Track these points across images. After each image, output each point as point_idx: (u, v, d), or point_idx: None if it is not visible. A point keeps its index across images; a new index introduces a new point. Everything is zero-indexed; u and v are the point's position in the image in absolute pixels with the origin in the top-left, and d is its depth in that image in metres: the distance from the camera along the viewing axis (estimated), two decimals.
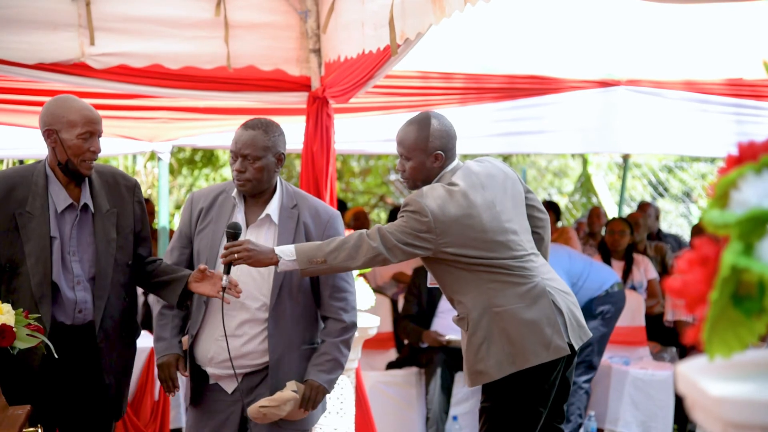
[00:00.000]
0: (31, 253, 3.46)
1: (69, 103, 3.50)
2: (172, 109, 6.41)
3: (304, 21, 5.07)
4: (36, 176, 3.53)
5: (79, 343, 3.53)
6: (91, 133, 3.47)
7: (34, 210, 3.48)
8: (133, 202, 3.65)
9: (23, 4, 4.51)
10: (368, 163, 15.15)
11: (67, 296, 3.50)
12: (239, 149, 3.66)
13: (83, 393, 3.58)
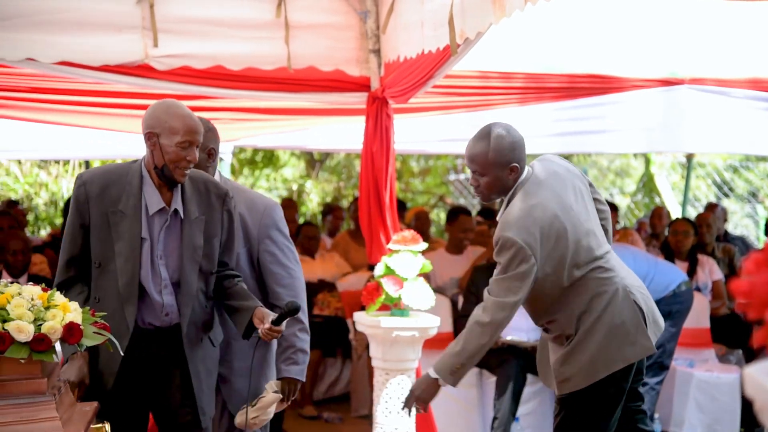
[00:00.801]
0: (121, 253, 3.49)
1: (174, 109, 3.51)
2: (233, 110, 6.46)
3: (363, 21, 5.08)
4: (131, 176, 3.56)
5: (165, 345, 3.56)
6: (191, 143, 3.48)
7: (126, 209, 3.51)
8: (222, 211, 3.66)
9: (89, 7, 4.58)
10: (428, 163, 15.13)
11: (154, 299, 3.53)
12: (207, 142, 3.83)
13: (164, 397, 3.60)
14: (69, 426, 2.82)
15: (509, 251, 3.50)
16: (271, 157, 14.63)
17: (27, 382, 2.82)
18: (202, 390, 3.59)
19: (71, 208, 3.58)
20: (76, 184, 3.57)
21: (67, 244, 3.58)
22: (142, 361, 3.52)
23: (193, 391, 3.56)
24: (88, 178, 3.56)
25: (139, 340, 3.50)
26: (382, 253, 4.90)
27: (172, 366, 3.57)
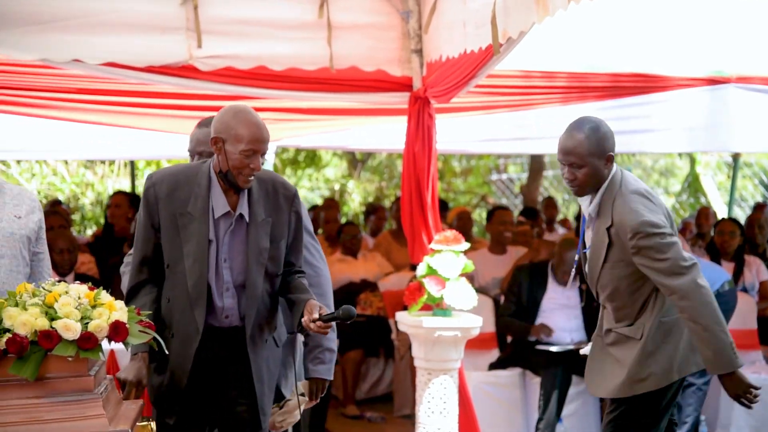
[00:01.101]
0: (189, 254, 3.52)
1: (241, 116, 3.53)
2: (276, 110, 6.48)
3: (405, 21, 5.08)
4: (200, 177, 3.58)
5: (229, 346, 3.59)
6: (255, 151, 3.49)
7: (195, 211, 3.53)
8: (290, 212, 3.66)
9: (134, 9, 4.63)
10: (470, 162, 15.10)
11: (215, 301, 3.56)
12: (194, 147, 3.91)
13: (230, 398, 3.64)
14: (115, 423, 2.85)
15: (654, 234, 3.49)
16: (314, 157, 14.68)
17: (74, 380, 2.86)
18: (263, 391, 3.61)
19: (141, 209, 3.62)
20: (146, 185, 3.61)
21: (139, 244, 3.62)
22: (209, 361, 3.56)
23: (255, 392, 3.59)
24: (158, 179, 3.59)
25: (209, 341, 3.54)
26: (424, 253, 4.90)
27: (235, 367, 3.60)
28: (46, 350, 2.82)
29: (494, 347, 6.62)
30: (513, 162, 15.66)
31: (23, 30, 4.43)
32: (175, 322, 3.55)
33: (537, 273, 6.27)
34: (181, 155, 4.12)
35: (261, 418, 3.61)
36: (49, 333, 2.81)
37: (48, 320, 2.85)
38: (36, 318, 2.84)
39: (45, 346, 2.81)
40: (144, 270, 3.61)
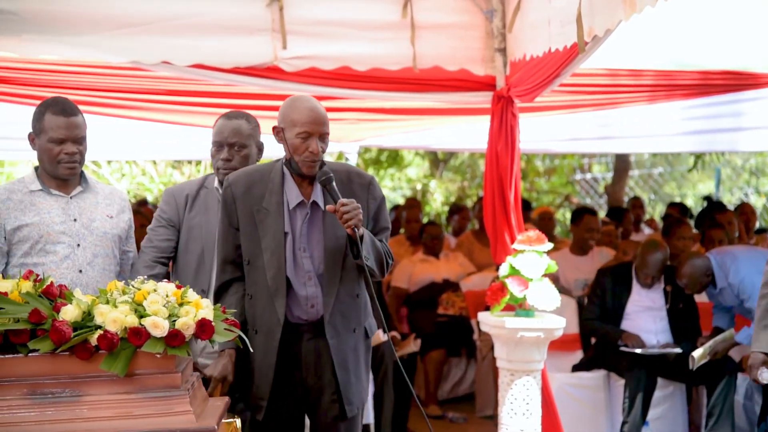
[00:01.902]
0: (267, 248, 3.58)
1: (297, 102, 3.60)
2: (359, 110, 6.52)
3: (489, 20, 5.06)
4: (274, 173, 3.65)
5: (314, 337, 3.63)
6: (309, 134, 3.53)
7: (270, 206, 3.61)
8: (368, 200, 3.69)
9: (220, 11, 4.69)
10: (553, 162, 14.96)
11: (298, 291, 3.61)
12: (225, 138, 3.90)
13: (312, 388, 3.67)
14: (202, 420, 2.90)
15: None
16: (396, 156, 14.70)
17: (162, 376, 2.91)
18: (348, 381, 3.63)
19: (221, 210, 3.70)
20: (223, 186, 3.69)
21: (220, 245, 3.69)
22: (295, 353, 3.60)
23: (338, 381, 3.61)
24: (234, 179, 3.66)
25: (291, 333, 3.58)
26: (506, 253, 4.87)
27: (320, 357, 3.63)
28: (136, 347, 2.88)
29: (578, 349, 6.55)
30: (597, 161, 15.46)
31: (114, 33, 4.53)
32: (258, 317, 3.60)
33: (621, 275, 6.19)
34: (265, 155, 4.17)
35: (346, 407, 3.64)
36: (138, 330, 2.87)
37: (137, 318, 2.91)
38: (126, 315, 2.90)
39: (134, 343, 2.87)
40: (228, 269, 3.68)
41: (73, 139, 3.82)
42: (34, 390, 2.85)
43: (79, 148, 3.85)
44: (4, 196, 3.84)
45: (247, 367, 3.65)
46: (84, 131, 3.87)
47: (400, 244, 8.48)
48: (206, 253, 3.96)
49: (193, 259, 3.99)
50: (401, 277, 7.66)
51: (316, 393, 3.66)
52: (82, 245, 3.85)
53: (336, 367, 3.60)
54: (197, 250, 3.97)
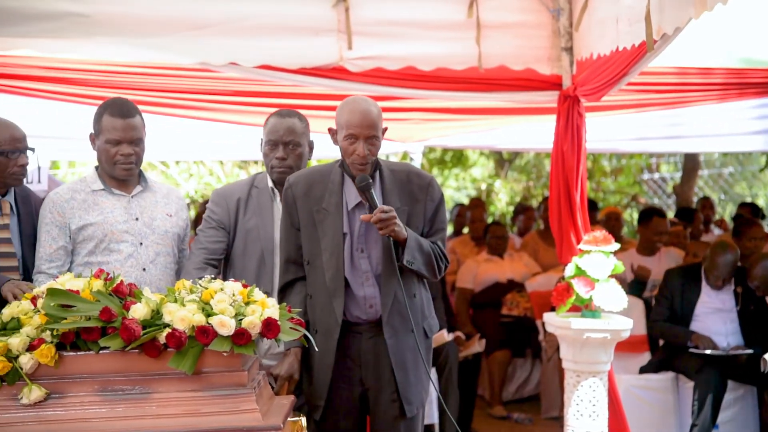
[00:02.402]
0: (326, 248, 3.61)
1: (348, 104, 3.62)
2: (424, 110, 6.52)
3: (556, 19, 5.02)
4: (334, 174, 3.67)
5: (373, 337, 3.65)
6: (355, 136, 3.55)
7: (329, 207, 3.63)
8: (425, 201, 3.70)
9: (287, 12, 4.72)
10: (620, 162, 14.77)
11: (356, 292, 3.62)
12: (281, 137, 3.89)
13: (372, 388, 3.68)
14: (268, 418, 2.92)
15: None
16: (461, 156, 14.66)
17: (229, 374, 2.94)
18: (407, 380, 3.63)
19: (282, 211, 3.73)
20: (284, 187, 3.72)
21: (283, 245, 3.73)
22: (354, 353, 3.62)
23: (397, 381, 3.62)
24: (294, 180, 3.69)
25: (349, 333, 3.59)
26: (572, 253, 4.83)
27: (379, 357, 3.64)
28: (203, 345, 2.92)
29: (645, 350, 6.47)
30: (666, 161, 15.24)
31: (183, 35, 4.59)
32: (317, 316, 3.62)
33: (690, 277, 6.10)
34: (331, 155, 4.19)
35: (405, 407, 3.64)
36: (205, 329, 2.91)
37: (205, 316, 2.94)
38: (193, 314, 2.94)
39: (202, 341, 2.91)
40: (290, 269, 3.70)
41: (129, 141, 3.86)
42: (105, 387, 2.90)
43: (135, 150, 3.88)
44: (68, 195, 3.90)
45: (308, 366, 3.67)
46: (141, 133, 3.90)
47: (464, 244, 8.46)
48: (266, 255, 3.96)
49: (253, 262, 3.99)
50: (466, 277, 7.64)
51: (375, 393, 3.67)
52: (145, 244, 3.91)
53: (394, 366, 3.61)
54: (257, 253, 3.98)
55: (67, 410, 2.87)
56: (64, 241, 3.85)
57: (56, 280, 3.11)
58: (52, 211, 3.85)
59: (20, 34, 4.41)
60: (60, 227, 3.84)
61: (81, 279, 3.07)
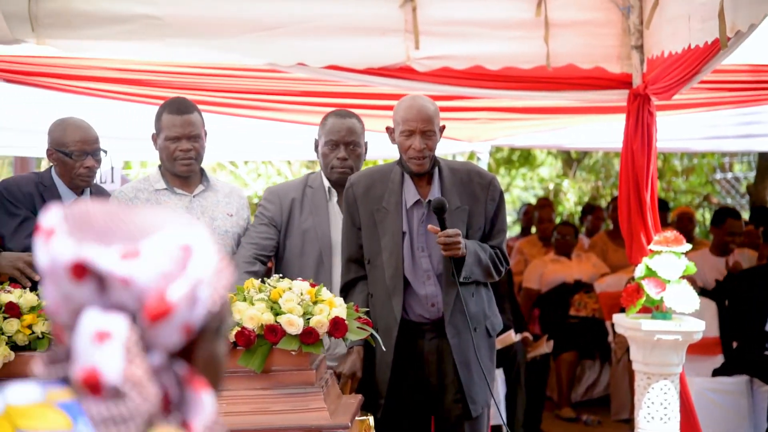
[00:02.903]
0: (386, 247, 3.62)
1: (404, 101, 3.64)
2: (491, 110, 6.48)
3: (626, 17, 4.95)
4: (393, 173, 3.69)
5: (435, 336, 3.65)
6: (411, 131, 3.56)
7: (389, 206, 3.64)
8: (486, 200, 3.70)
9: (355, 12, 4.74)
10: (691, 161, 14.53)
11: (418, 291, 3.63)
12: (343, 137, 3.87)
13: (436, 388, 3.69)
14: (336, 417, 2.94)
15: None
16: (528, 156, 14.56)
17: (297, 373, 2.96)
18: (471, 380, 3.63)
19: (344, 210, 3.75)
20: (345, 187, 3.73)
21: (344, 245, 3.75)
22: (417, 352, 3.62)
23: (461, 380, 3.61)
24: (355, 180, 3.71)
25: (411, 332, 3.60)
26: (642, 254, 4.76)
27: (442, 356, 3.63)
28: (272, 344, 2.94)
29: (718, 353, 6.36)
30: (739, 160, 14.95)
31: (251, 36, 4.63)
32: (377, 315, 3.63)
33: (764, 278, 5.98)
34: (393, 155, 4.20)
35: (470, 406, 3.62)
36: (274, 327, 2.93)
37: (273, 315, 2.97)
38: (262, 313, 2.96)
39: (270, 340, 2.93)
40: (352, 268, 3.72)
41: (187, 137, 3.91)
42: None
43: (194, 145, 3.92)
44: (132, 194, 3.96)
45: (370, 365, 3.68)
46: (199, 129, 3.95)
47: (532, 244, 8.40)
48: (324, 255, 3.97)
49: (311, 262, 4.00)
50: (532, 277, 7.59)
51: (439, 393, 3.66)
52: None
53: (458, 366, 3.60)
54: (315, 252, 3.98)
55: None
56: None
57: None
58: None
59: (93, 36, 4.50)
60: None
61: None
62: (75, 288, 1.17)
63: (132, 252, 1.17)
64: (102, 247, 1.17)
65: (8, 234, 3.78)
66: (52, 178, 3.93)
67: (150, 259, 1.18)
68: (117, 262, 1.17)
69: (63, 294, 1.18)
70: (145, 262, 1.18)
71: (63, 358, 1.20)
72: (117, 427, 1.13)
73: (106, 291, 1.18)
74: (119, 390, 1.14)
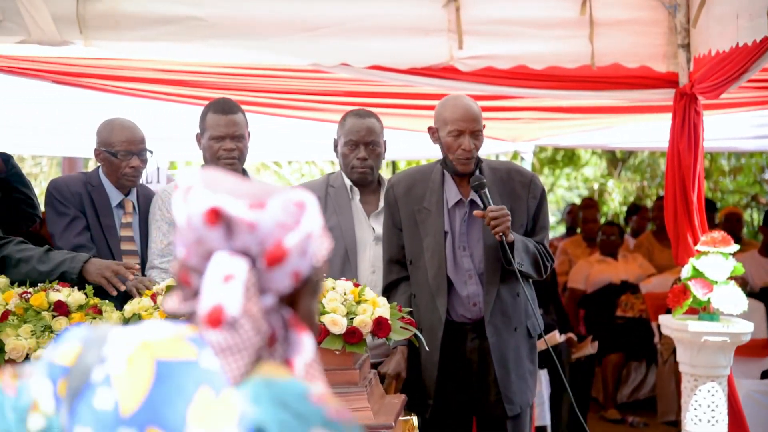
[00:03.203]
0: (428, 248, 3.63)
1: (449, 101, 3.64)
2: (535, 109, 6.46)
3: (672, 16, 4.90)
4: (434, 173, 3.70)
5: (478, 336, 3.64)
6: (460, 131, 3.56)
7: (431, 206, 3.65)
8: (527, 198, 3.69)
9: (398, 12, 4.74)
10: (739, 161, 14.35)
11: (460, 291, 3.63)
12: (362, 137, 3.86)
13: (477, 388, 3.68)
14: (379, 417, 2.94)
15: None
16: (572, 156, 14.48)
17: (341, 373, 2.97)
18: (509, 380, 3.62)
19: (385, 211, 3.75)
20: (386, 188, 3.74)
21: (386, 245, 3.75)
22: (459, 352, 3.62)
23: (498, 380, 3.60)
24: (395, 181, 3.73)
25: (454, 332, 3.59)
26: (689, 254, 4.71)
27: (484, 356, 3.63)
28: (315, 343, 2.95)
29: (767, 355, 6.28)
30: None
31: (295, 36, 4.65)
32: (421, 315, 3.63)
33: None
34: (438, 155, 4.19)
35: (506, 406, 3.62)
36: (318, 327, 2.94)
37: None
38: None
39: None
40: (394, 269, 3.72)
41: (231, 136, 3.94)
42: None
43: (237, 145, 3.95)
44: None
45: (415, 365, 3.68)
46: (243, 129, 3.98)
47: (576, 244, 8.34)
48: (350, 253, 3.98)
49: (337, 260, 4.00)
50: (578, 277, 7.54)
51: (481, 393, 3.65)
52: None
53: (495, 365, 3.59)
54: (340, 251, 3.98)
55: None
56: (174, 236, 3.94)
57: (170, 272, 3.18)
58: (161, 208, 3.96)
59: (139, 38, 4.54)
60: (169, 223, 3.94)
61: None
62: (207, 232, 1.39)
63: (258, 203, 1.39)
64: (233, 198, 1.39)
65: (57, 233, 3.83)
66: (100, 178, 3.98)
67: (272, 209, 1.40)
68: (245, 210, 1.38)
69: (196, 239, 1.40)
70: (269, 212, 1.39)
71: (190, 298, 1.42)
72: (233, 355, 1.34)
73: (233, 236, 1.39)
74: (238, 323, 1.35)
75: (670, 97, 4.95)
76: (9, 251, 3.36)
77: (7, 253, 3.37)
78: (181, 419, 1.29)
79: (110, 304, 3.23)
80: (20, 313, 3.08)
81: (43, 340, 2.99)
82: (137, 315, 3.10)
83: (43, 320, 3.04)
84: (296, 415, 1.32)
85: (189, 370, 1.33)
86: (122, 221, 3.96)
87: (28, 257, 3.37)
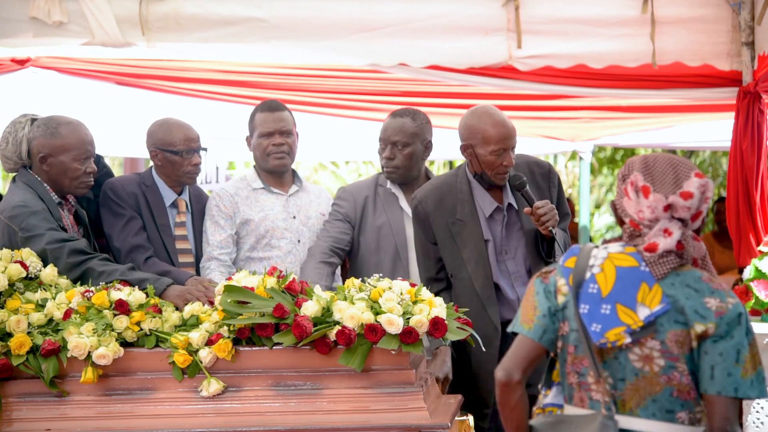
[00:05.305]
0: (470, 258, 3.63)
1: (486, 117, 3.63)
2: (594, 109, 6.40)
3: (736, 13, 4.83)
4: (460, 183, 3.70)
5: None
6: (504, 149, 3.59)
7: (464, 217, 3.65)
8: (549, 187, 3.72)
9: (457, 11, 4.74)
10: None
11: (509, 295, 3.62)
12: (388, 136, 3.86)
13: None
14: (435, 416, 2.94)
15: None
16: (632, 155, 14.32)
17: (397, 372, 2.97)
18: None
19: (415, 227, 3.77)
20: (413, 204, 3.76)
21: (421, 261, 3.76)
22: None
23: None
24: (422, 195, 3.73)
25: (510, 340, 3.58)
26: (751, 255, 4.64)
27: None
28: (372, 343, 2.96)
29: None
30: None
31: (354, 37, 4.67)
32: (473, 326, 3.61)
33: None
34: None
35: None
36: (374, 327, 2.95)
37: (373, 314, 2.98)
38: (363, 312, 2.98)
39: (370, 339, 2.95)
40: (433, 287, 3.68)
41: (280, 131, 4.03)
42: (279, 381, 2.99)
43: (286, 140, 4.04)
44: (233, 191, 4.09)
45: (470, 373, 3.66)
46: (290, 126, 4.07)
47: None
48: (400, 250, 4.00)
49: (388, 257, 4.04)
50: None
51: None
52: (302, 241, 4.05)
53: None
54: (390, 248, 4.02)
55: (243, 404, 2.97)
56: (231, 230, 4.01)
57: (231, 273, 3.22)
58: (218, 205, 4.03)
59: (201, 39, 4.61)
60: (226, 218, 4.01)
61: (255, 276, 3.17)
62: (663, 213, 2.33)
63: (685, 194, 2.33)
64: (674, 195, 2.34)
65: (115, 234, 3.88)
66: (153, 178, 4.03)
67: (700, 193, 2.36)
68: (678, 199, 2.33)
69: (654, 215, 2.34)
70: (695, 198, 2.34)
71: (636, 236, 2.37)
72: (657, 264, 2.31)
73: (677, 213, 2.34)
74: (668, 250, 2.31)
75: (733, 95, 4.88)
76: (92, 265, 3.40)
77: (90, 266, 3.40)
78: (632, 300, 2.28)
79: (170, 304, 3.27)
80: (82, 311, 3.14)
81: (104, 339, 3.04)
82: (195, 316, 3.16)
83: (104, 318, 3.09)
84: (695, 289, 2.29)
85: (635, 272, 2.31)
86: (176, 220, 4.02)
87: (111, 271, 3.39)
